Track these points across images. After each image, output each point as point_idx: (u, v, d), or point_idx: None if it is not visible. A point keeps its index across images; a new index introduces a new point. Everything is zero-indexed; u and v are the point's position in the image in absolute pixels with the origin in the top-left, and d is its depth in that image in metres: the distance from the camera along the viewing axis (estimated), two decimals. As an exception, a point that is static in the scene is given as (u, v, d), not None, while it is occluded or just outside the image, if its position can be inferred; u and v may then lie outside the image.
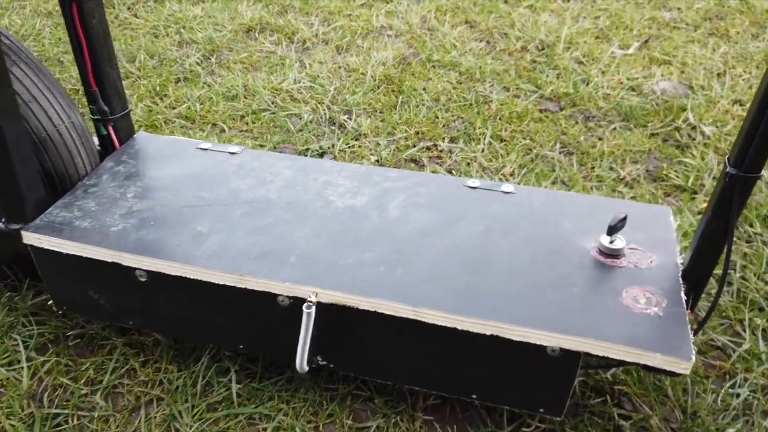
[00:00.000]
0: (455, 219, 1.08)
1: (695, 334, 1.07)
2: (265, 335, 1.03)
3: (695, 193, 1.67)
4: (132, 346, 1.22)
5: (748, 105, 2.12)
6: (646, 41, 2.43)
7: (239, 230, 1.04)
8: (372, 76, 2.17)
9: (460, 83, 2.17)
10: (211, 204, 1.10)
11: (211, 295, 0.99)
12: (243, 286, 0.95)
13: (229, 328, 1.04)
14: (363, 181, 1.18)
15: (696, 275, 0.98)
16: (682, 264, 1.00)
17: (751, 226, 1.53)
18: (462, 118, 1.98)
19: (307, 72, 2.19)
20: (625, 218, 0.97)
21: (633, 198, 1.64)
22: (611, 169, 1.75)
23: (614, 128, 1.92)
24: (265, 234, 1.03)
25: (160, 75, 2.17)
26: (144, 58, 2.26)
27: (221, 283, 0.96)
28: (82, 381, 1.16)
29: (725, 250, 0.93)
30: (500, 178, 1.71)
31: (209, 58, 2.29)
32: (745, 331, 1.27)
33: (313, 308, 0.92)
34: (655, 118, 1.96)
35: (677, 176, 1.72)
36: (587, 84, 2.14)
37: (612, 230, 0.97)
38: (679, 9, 2.70)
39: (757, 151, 0.83)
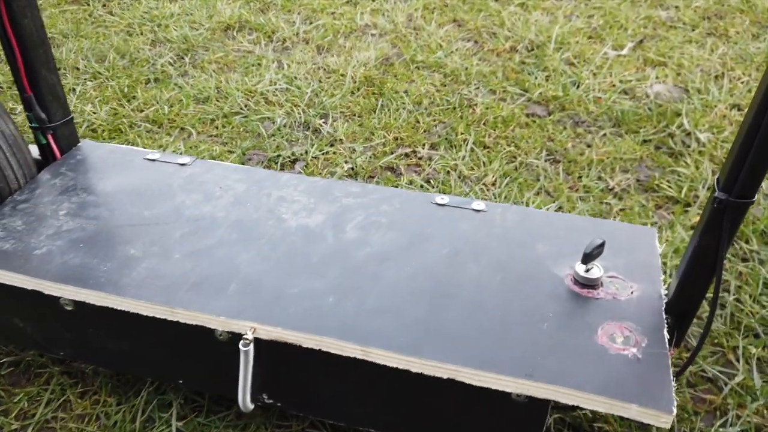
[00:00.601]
0: (419, 241, 0.98)
1: (678, 376, 0.97)
2: (205, 370, 0.93)
3: (688, 205, 1.57)
4: (70, 375, 1.12)
5: (746, 110, 2.01)
6: (641, 41, 2.32)
7: (176, 253, 0.94)
8: (352, 78, 2.07)
9: (444, 85, 2.06)
10: (150, 223, 1.00)
11: (143, 328, 0.90)
12: (174, 320, 0.86)
13: (167, 363, 0.94)
14: (321, 196, 1.08)
15: (681, 308, 0.88)
16: (666, 295, 0.90)
17: (747, 242, 1.43)
18: (444, 122, 1.87)
19: (285, 73, 2.09)
20: (602, 245, 0.87)
21: (622, 210, 1.54)
22: (600, 178, 1.65)
23: (604, 134, 1.82)
24: (205, 258, 0.93)
25: (130, 76, 2.07)
26: (114, 57, 2.16)
27: (151, 315, 0.86)
28: (14, 414, 1.07)
29: (714, 282, 0.83)
30: (481, 189, 1.61)
31: (183, 58, 2.19)
32: (738, 360, 1.17)
33: (251, 346, 0.82)
34: (648, 123, 1.86)
35: (670, 186, 1.62)
36: (577, 86, 2.04)
37: (587, 258, 0.86)
38: (676, 7, 2.59)
39: (750, 174, 0.73)
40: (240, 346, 0.82)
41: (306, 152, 1.73)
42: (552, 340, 0.81)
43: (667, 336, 0.82)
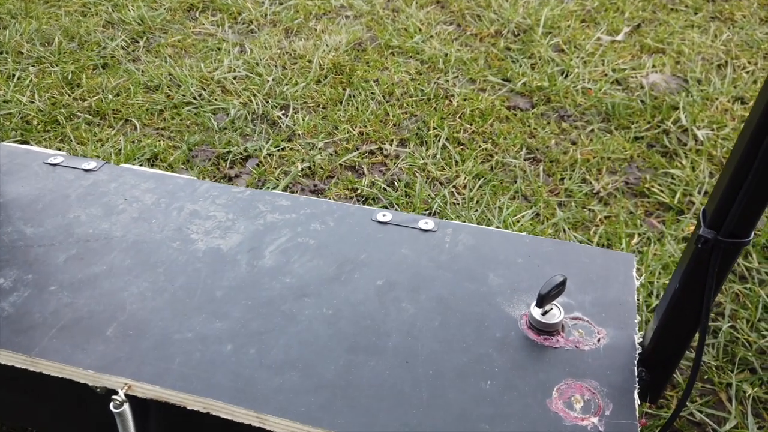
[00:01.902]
0: (350, 269, 0.82)
1: None
2: (97, 428, 0.78)
3: (682, 212, 1.40)
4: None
5: (751, 103, 1.83)
6: (638, 26, 2.13)
7: (53, 284, 0.78)
8: (319, 65, 1.89)
9: (420, 74, 1.89)
10: (32, 244, 0.84)
11: (10, 377, 0.74)
12: (36, 371, 0.70)
13: (46, 415, 0.79)
14: (242, 211, 0.92)
15: (659, 360, 0.72)
16: (641, 344, 0.74)
17: (746, 258, 1.27)
18: (416, 116, 1.70)
19: (246, 59, 1.91)
20: (562, 284, 0.71)
21: (607, 218, 1.37)
22: (584, 181, 1.48)
23: (592, 130, 1.64)
24: (87, 290, 0.78)
25: (77, 61, 1.90)
26: (61, 40, 1.98)
27: (9, 365, 0.71)
28: None
29: (699, 332, 0.67)
30: (451, 192, 1.44)
31: (137, 42, 2.01)
32: (731, 401, 1.02)
33: (125, 406, 0.67)
34: (641, 118, 1.68)
35: (662, 191, 1.45)
36: (566, 76, 1.86)
37: (543, 300, 0.70)
38: (679, -11, 2.39)
39: (744, 208, 0.56)
40: (111, 407, 0.67)
41: (260, 148, 1.56)
42: (493, 406, 0.66)
43: (637, 401, 0.66)
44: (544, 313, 0.74)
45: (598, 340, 0.73)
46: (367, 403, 0.66)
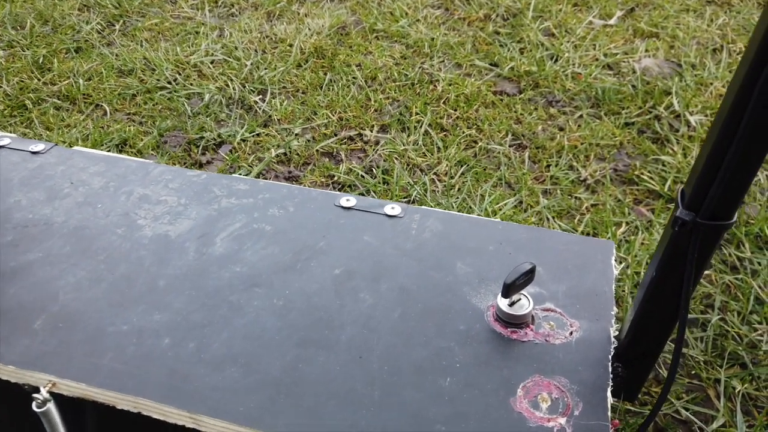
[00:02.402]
0: (307, 257, 0.76)
1: None
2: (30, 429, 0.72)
3: (672, 200, 1.34)
4: None
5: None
6: (632, 10, 2.06)
7: (-17, 274, 0.72)
8: (300, 49, 1.82)
9: (405, 58, 1.82)
10: (-34, 230, 0.78)
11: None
12: (-45, 367, 0.64)
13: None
14: (196, 195, 0.86)
15: (636, 354, 0.67)
16: (617, 337, 0.68)
17: (738, 247, 1.21)
18: (398, 101, 1.64)
19: (225, 42, 1.85)
20: (530, 271, 0.65)
21: (594, 206, 1.31)
22: (571, 168, 1.42)
23: (580, 116, 1.58)
24: (17, 280, 0.72)
25: (50, 45, 1.83)
26: (34, 24, 1.92)
27: (-73, 359, 0.65)
28: None
29: (678, 324, 0.61)
30: (431, 179, 1.38)
31: (113, 25, 1.95)
32: (719, 398, 0.96)
33: (49, 405, 0.61)
34: (632, 103, 1.62)
35: (652, 178, 1.39)
36: (555, 60, 1.79)
37: (509, 290, 0.64)
38: (675, -27, 2.32)
39: (726, 186, 0.50)
40: (33, 406, 0.61)
41: (234, 134, 1.50)
42: (451, 405, 0.60)
43: (610, 400, 0.61)
44: (512, 304, 0.68)
45: (571, 333, 0.67)
46: (313, 402, 0.60)
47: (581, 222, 1.27)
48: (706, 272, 1.16)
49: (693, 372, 1.00)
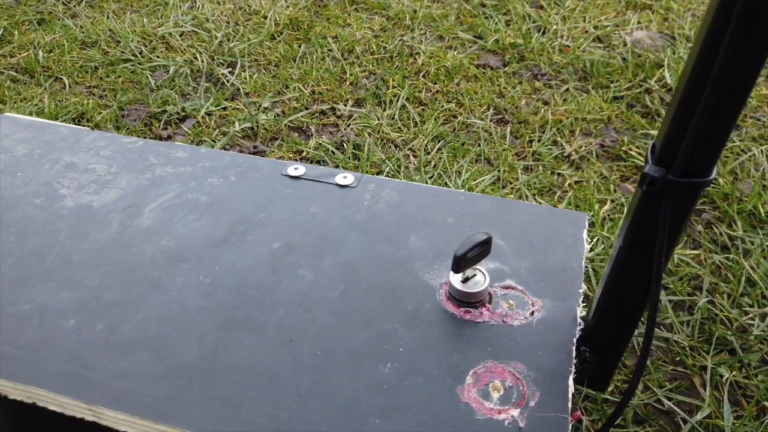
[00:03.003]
0: (243, 230, 0.69)
1: None
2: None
3: (661, 177, 1.25)
4: None
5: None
6: (625, -19, 1.97)
7: None
8: (275, 20, 1.73)
9: (385, 31, 1.73)
10: None
11: None
12: None
13: None
14: (129, 163, 0.78)
15: (603, 338, 0.59)
16: (583, 318, 0.60)
17: (730, 226, 1.13)
18: (375, 74, 1.55)
19: (196, 14, 1.76)
20: (484, 243, 0.57)
21: (577, 183, 1.23)
22: (554, 143, 1.34)
23: (567, 89, 1.50)
24: None
25: (12, 16, 1.74)
26: (-4, -6, 1.83)
27: None
28: None
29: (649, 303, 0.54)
30: (406, 155, 1.30)
31: (79, -4, 1.86)
32: (705, 387, 0.89)
33: (-68, 394, 0.54)
34: (622, 76, 1.53)
35: (640, 154, 1.31)
36: (543, 33, 1.70)
37: (459, 264, 0.57)
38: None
39: (701, 136, 0.42)
40: None
41: (199, 108, 1.42)
42: (389, 395, 0.52)
43: (571, 388, 0.53)
44: (466, 281, 0.60)
45: (532, 313, 0.60)
46: (230, 392, 0.52)
47: (563, 199, 1.19)
48: (694, 252, 1.08)
49: (677, 358, 0.92)
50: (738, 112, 0.41)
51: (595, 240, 1.09)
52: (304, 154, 1.30)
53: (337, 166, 1.26)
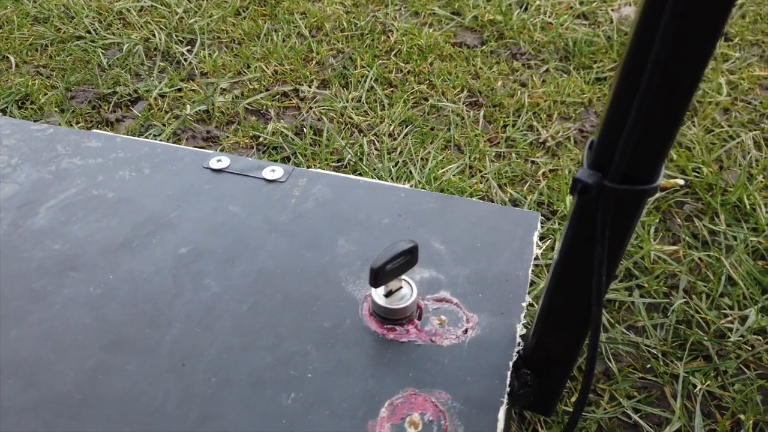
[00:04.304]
0: (149, 232, 0.61)
1: None
2: None
3: (642, 165, 1.17)
4: None
5: (737, 40, 1.59)
6: (615, -46, 1.86)
7: None
8: (241, -5, 1.63)
9: (357, 6, 1.63)
10: None
11: None
12: None
13: None
14: (34, 154, 0.70)
15: (545, 358, 0.51)
16: (523, 335, 0.53)
17: (713, 219, 1.05)
18: (344, 52, 1.46)
19: (157, -12, 1.66)
20: (408, 252, 0.50)
21: (552, 172, 1.15)
22: (530, 128, 1.25)
23: (546, 70, 1.41)
24: None
25: (-39, -10, 1.65)
26: (-54, -33, 1.72)
27: None
28: None
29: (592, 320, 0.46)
30: (371, 141, 1.21)
31: (35, -31, 1.75)
32: (675, 398, 0.82)
33: None
34: (605, 56, 1.44)
35: (621, 140, 1.22)
36: (525, 8, 1.60)
37: (377, 278, 0.49)
38: None
39: (643, 135, 0.34)
40: None
41: (152, 89, 1.33)
42: (291, 430, 0.45)
43: (501, 423, 0.46)
44: (389, 294, 0.52)
45: (465, 331, 0.52)
46: (103, 427, 0.45)
47: (535, 189, 1.11)
48: (673, 248, 1.01)
49: (648, 365, 0.85)
50: (687, 101, 0.33)
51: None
52: (260, 139, 1.21)
53: (295, 154, 1.18)
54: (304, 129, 1.24)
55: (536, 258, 0.91)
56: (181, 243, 0.60)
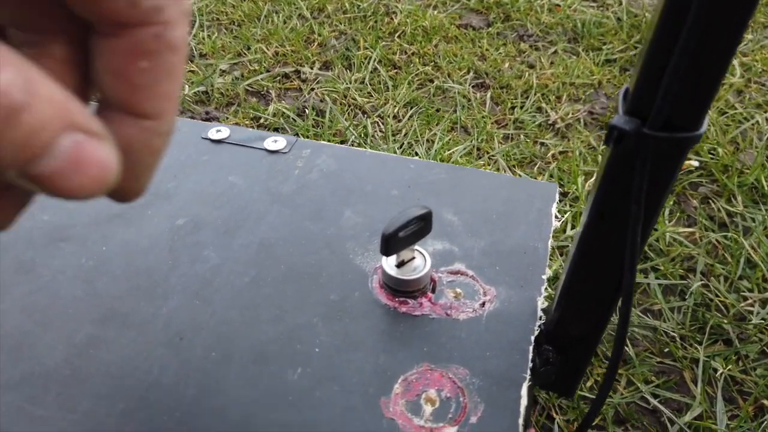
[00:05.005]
0: (144, 203, 0.57)
1: None
2: None
3: (655, 147, 1.14)
4: None
5: (749, 22, 1.55)
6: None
7: None
8: (241, -23, 1.60)
9: (360, -12, 1.59)
10: None
11: None
12: None
13: None
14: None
15: (570, 334, 0.48)
16: (545, 309, 0.49)
17: (729, 201, 1.02)
18: (346, 34, 1.42)
19: (155, -29, 1.62)
20: (422, 219, 0.46)
21: (562, 154, 1.12)
22: (539, 110, 1.22)
23: (555, 52, 1.37)
24: None
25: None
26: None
27: None
28: None
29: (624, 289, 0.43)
30: (375, 123, 1.18)
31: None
32: (696, 382, 0.78)
33: None
34: (615, 38, 1.40)
35: (633, 122, 1.19)
36: (531, -9, 1.57)
37: (388, 245, 0.45)
38: None
39: (686, 77, 0.31)
40: None
41: (151, 71, 1.29)
42: (295, 409, 0.42)
43: (525, 399, 0.42)
44: (401, 265, 0.49)
45: (483, 304, 0.49)
46: (95, 403, 0.42)
47: (545, 171, 1.08)
48: (689, 230, 0.97)
49: (666, 350, 0.82)
50: (739, 35, 0.29)
51: (577, 216, 0.98)
52: (261, 120, 1.18)
53: (297, 134, 1.14)
54: (306, 110, 1.20)
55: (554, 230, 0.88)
56: (178, 214, 0.56)
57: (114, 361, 0.44)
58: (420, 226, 0.46)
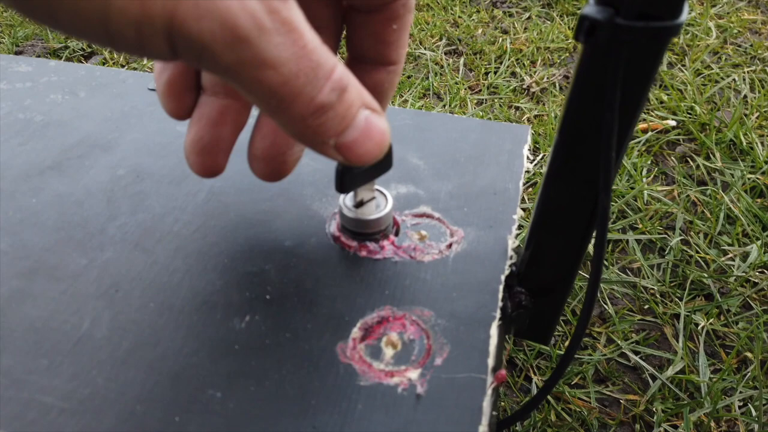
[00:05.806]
0: (81, 155, 0.53)
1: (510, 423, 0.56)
2: None
3: (631, 108, 1.11)
4: None
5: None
6: None
7: None
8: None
9: (328, -41, 1.54)
10: None
11: None
12: None
13: None
14: (-48, 81, 0.61)
15: (542, 274, 0.45)
16: (515, 250, 0.46)
17: (708, 158, 1.00)
18: (314, 4, 1.38)
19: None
20: (384, 155, 0.42)
21: (537, 117, 1.09)
22: (513, 74, 1.19)
23: (529, 17, 1.34)
24: None
25: None
26: None
27: None
28: None
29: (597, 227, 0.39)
30: (344, 89, 1.13)
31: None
32: (677, 338, 0.76)
33: None
34: (589, 2, 1.37)
35: (608, 84, 1.16)
36: (503, -42, 1.53)
37: (343, 182, 0.41)
38: None
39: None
40: None
41: (108, 44, 1.23)
42: (242, 358, 0.38)
43: (494, 340, 0.39)
44: (359, 205, 0.45)
45: (449, 245, 0.45)
46: (16, 360, 0.37)
47: (520, 134, 1.04)
48: (667, 188, 0.95)
49: (646, 306, 0.79)
50: None
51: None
52: (225, 91, 1.13)
53: (263, 104, 1.10)
54: (272, 79, 1.15)
55: (527, 171, 0.85)
56: (119, 165, 0.52)
57: (39, 316, 0.40)
58: (379, 163, 0.42)
